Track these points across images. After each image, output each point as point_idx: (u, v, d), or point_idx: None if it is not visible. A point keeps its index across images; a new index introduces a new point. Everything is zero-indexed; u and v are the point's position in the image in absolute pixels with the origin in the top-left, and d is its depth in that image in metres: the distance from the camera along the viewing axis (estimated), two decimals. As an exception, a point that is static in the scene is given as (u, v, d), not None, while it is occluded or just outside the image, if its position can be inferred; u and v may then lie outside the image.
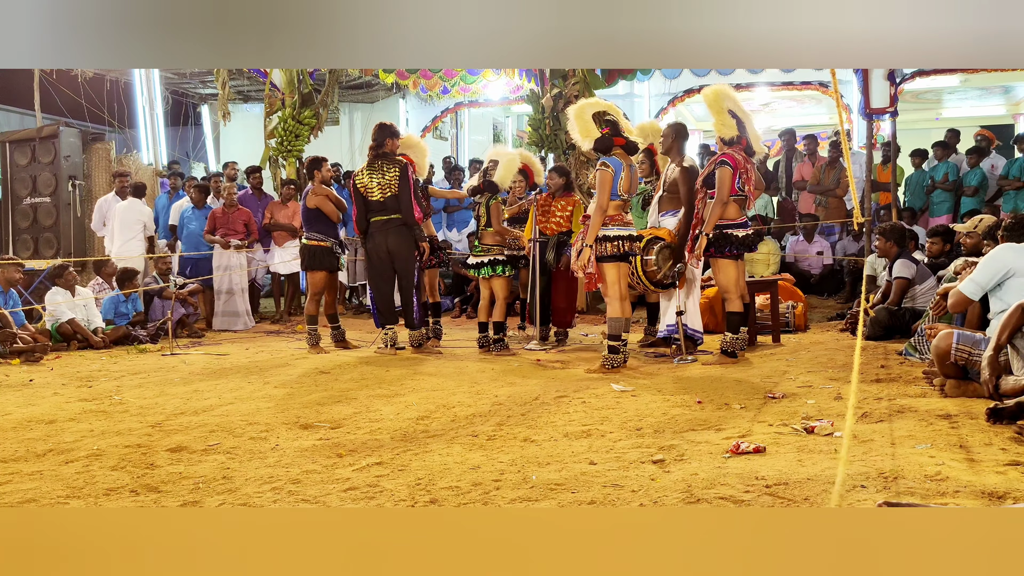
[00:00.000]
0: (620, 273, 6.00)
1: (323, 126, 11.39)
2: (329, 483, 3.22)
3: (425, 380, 5.64)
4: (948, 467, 3.08)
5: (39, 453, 3.84)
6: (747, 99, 6.28)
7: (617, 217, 5.94)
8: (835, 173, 10.52)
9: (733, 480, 3.04)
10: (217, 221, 9.71)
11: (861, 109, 10.09)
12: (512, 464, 3.40)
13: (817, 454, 3.38)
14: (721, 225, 6.08)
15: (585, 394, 4.95)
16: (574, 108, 6.13)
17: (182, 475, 3.39)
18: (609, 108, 6.11)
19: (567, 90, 9.83)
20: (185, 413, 4.70)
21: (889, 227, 7.34)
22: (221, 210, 9.73)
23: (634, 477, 3.16)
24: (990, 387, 3.96)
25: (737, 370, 5.72)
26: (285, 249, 10.02)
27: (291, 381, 5.72)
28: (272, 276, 10.50)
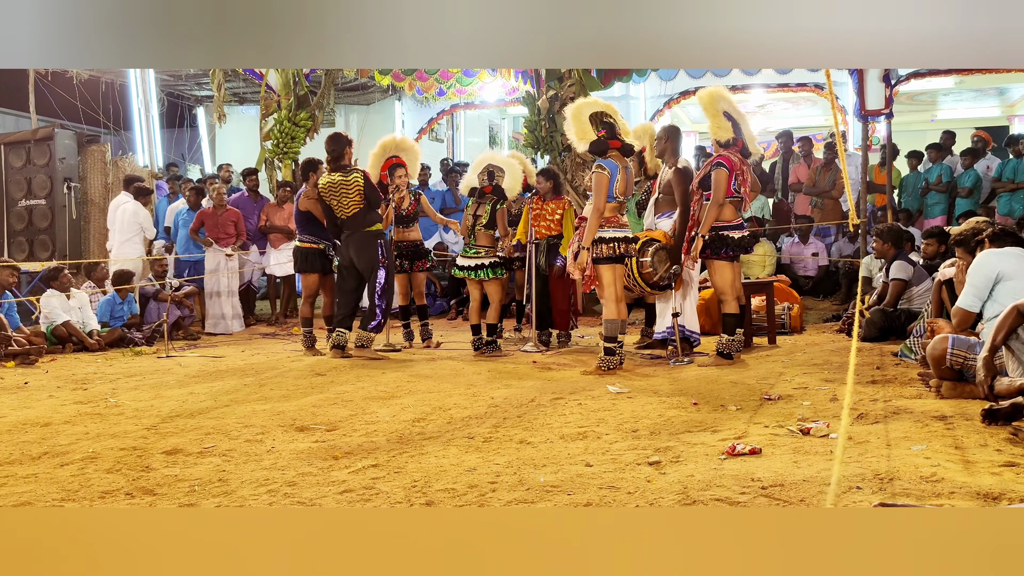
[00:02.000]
0: (616, 275, 6.01)
1: (319, 128, 11.36)
2: (325, 485, 3.21)
3: (421, 382, 5.64)
4: (944, 468, 3.08)
5: (34, 456, 3.83)
6: (742, 101, 6.30)
7: (613, 219, 5.94)
8: (830, 175, 10.54)
9: (729, 482, 3.04)
10: (206, 221, 9.69)
11: (856, 111, 10.11)
12: (508, 466, 3.40)
13: (813, 455, 3.39)
14: (717, 227, 6.09)
15: (581, 396, 4.95)
16: (572, 108, 6.10)
17: (178, 478, 3.38)
18: (607, 109, 6.10)
19: (563, 92, 9.83)
20: (181, 416, 4.69)
21: (886, 228, 7.35)
22: (211, 210, 9.71)
23: (630, 479, 3.16)
24: (985, 388, 3.96)
25: (733, 372, 5.72)
26: (281, 251, 10.01)
27: (287, 383, 5.72)
28: (268, 278, 10.49)
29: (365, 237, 6.97)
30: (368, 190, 6.96)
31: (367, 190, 6.95)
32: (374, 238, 7.00)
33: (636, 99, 13.12)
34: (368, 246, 6.96)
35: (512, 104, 13.65)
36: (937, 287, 5.65)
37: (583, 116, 5.99)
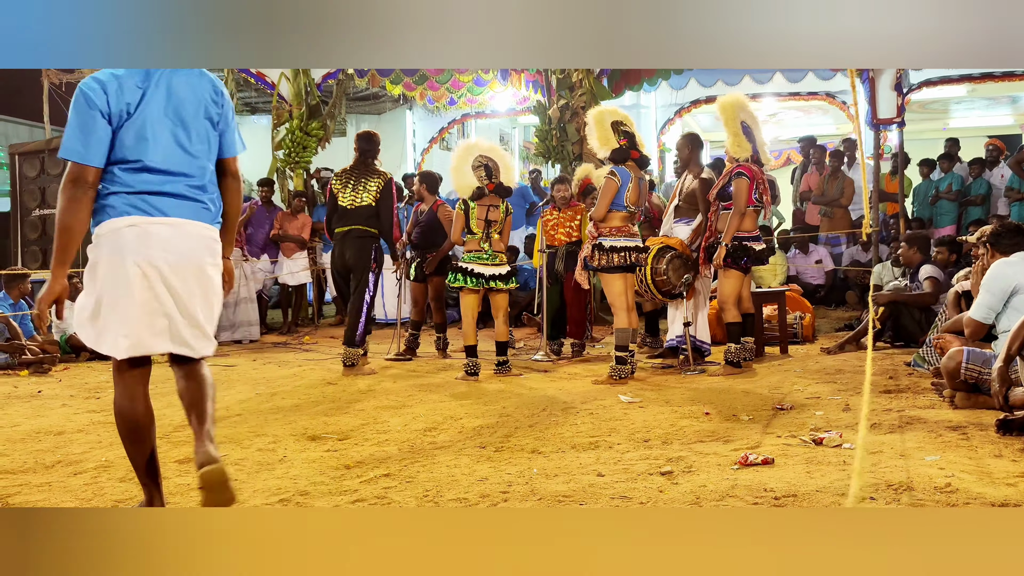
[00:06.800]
0: (627, 284, 6.01)
1: (330, 137, 11.41)
2: (337, 495, 3.22)
3: (432, 391, 5.64)
4: (958, 479, 3.06)
5: (48, 464, 3.85)
6: (754, 110, 6.26)
7: (624, 228, 5.95)
8: (838, 183, 10.52)
9: (742, 492, 3.03)
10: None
11: (868, 119, 10.08)
12: (520, 476, 3.40)
13: (826, 466, 3.37)
14: (738, 236, 6.08)
15: (592, 405, 4.94)
16: (594, 113, 6.10)
17: (190, 487, 3.39)
18: (625, 119, 6.12)
19: (574, 101, 9.84)
20: (193, 424, 4.69)
21: (914, 235, 7.32)
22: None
23: (642, 489, 3.15)
24: (1000, 399, 3.94)
25: (745, 381, 5.70)
26: (294, 260, 10.04)
27: (298, 392, 5.73)
28: (281, 287, 10.51)
29: (363, 236, 6.71)
30: (386, 196, 6.71)
31: (385, 194, 6.70)
32: (372, 240, 6.74)
33: (647, 108, 13.11)
34: (364, 247, 6.69)
35: (523, 113, 13.65)
36: (955, 298, 5.60)
37: (606, 123, 5.99)
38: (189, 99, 2.85)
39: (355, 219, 6.70)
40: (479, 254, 6.32)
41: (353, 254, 6.70)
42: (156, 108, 2.77)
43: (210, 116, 2.92)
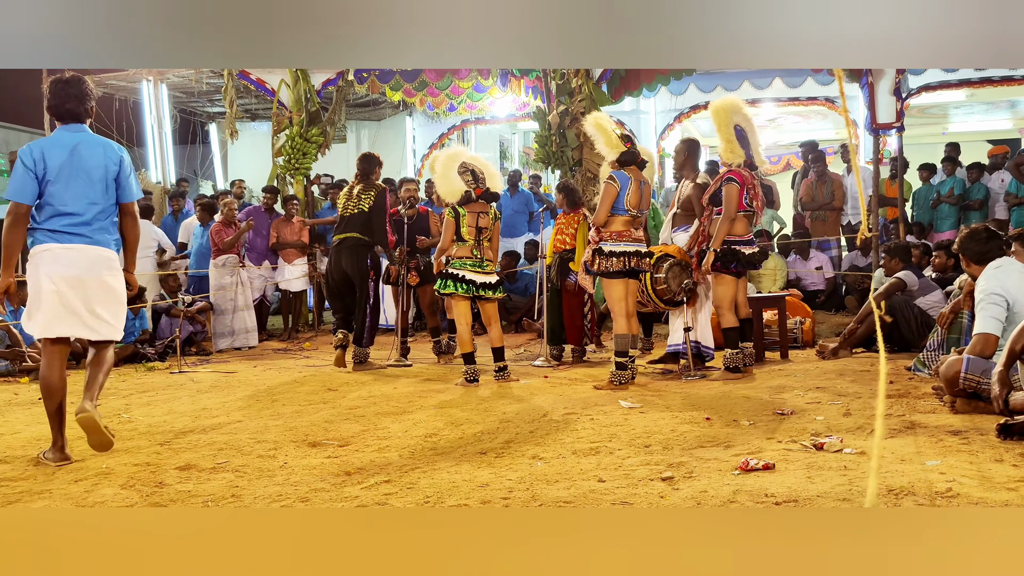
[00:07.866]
0: (628, 290, 6.01)
1: (330, 144, 11.42)
2: (338, 501, 3.22)
3: (433, 397, 5.64)
4: (959, 484, 3.06)
5: (48, 471, 3.85)
6: (753, 115, 6.26)
7: (625, 233, 5.94)
8: (826, 187, 10.53)
9: (743, 497, 3.03)
10: (215, 238, 9.66)
11: (867, 124, 10.08)
12: (521, 482, 3.40)
13: (827, 471, 3.37)
14: (728, 241, 6.08)
15: (593, 411, 4.94)
16: (592, 119, 6.12)
17: (191, 493, 3.39)
18: (619, 124, 6.16)
19: (573, 107, 9.84)
20: (193, 431, 4.70)
21: (893, 245, 7.34)
22: (217, 227, 9.66)
23: (643, 495, 3.15)
24: (1000, 403, 3.94)
25: (745, 386, 5.70)
26: (294, 266, 10.04)
27: (299, 399, 5.73)
28: (282, 293, 10.51)
29: (358, 245, 7.15)
30: (379, 204, 7.17)
31: (378, 203, 7.17)
32: (366, 249, 7.17)
33: (647, 113, 13.12)
34: (360, 256, 7.15)
35: (522, 119, 13.67)
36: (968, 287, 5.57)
37: (608, 127, 6.00)
38: (94, 162, 4.04)
39: (351, 227, 7.20)
40: (471, 261, 6.31)
41: (350, 263, 7.18)
42: (68, 168, 3.99)
43: (109, 174, 4.08)
